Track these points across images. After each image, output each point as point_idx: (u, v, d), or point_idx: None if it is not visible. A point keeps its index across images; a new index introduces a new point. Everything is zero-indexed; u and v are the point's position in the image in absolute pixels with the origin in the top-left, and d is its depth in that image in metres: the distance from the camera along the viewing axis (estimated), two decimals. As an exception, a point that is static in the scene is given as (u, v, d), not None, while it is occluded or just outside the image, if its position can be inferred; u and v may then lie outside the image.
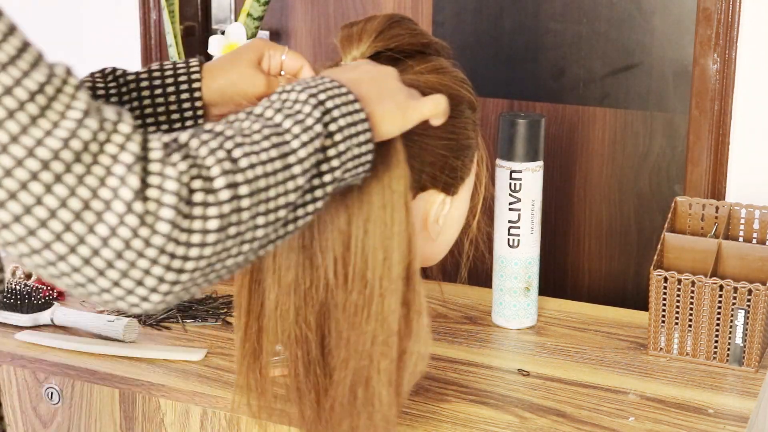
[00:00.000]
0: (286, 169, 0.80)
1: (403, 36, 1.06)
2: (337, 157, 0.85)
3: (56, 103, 0.69)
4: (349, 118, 0.87)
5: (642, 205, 1.93)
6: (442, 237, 1.12)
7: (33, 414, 1.37)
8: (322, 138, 0.84)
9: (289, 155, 0.80)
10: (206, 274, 0.74)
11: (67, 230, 0.68)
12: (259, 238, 0.78)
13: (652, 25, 1.86)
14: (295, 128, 0.82)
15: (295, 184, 0.80)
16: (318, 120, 0.84)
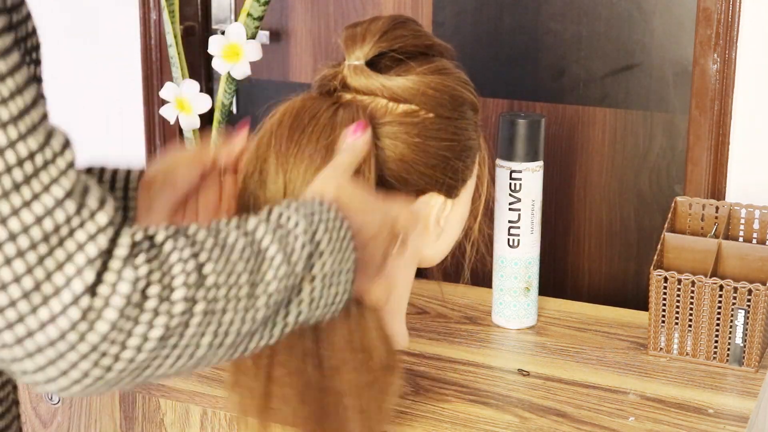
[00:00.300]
0: (250, 299, 0.78)
1: (407, 37, 1.06)
2: (310, 299, 0.84)
3: (43, 175, 0.68)
4: (337, 266, 0.86)
5: (642, 205, 1.93)
6: (443, 238, 1.12)
7: (33, 414, 1.37)
8: (302, 276, 0.83)
9: (259, 285, 0.79)
10: (134, 377, 0.73)
11: (11, 306, 0.67)
12: (197, 356, 0.77)
13: (652, 25, 1.86)
14: (278, 258, 0.80)
15: (254, 315, 0.79)
16: (305, 262, 0.82)
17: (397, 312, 1.13)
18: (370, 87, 1.04)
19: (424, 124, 1.04)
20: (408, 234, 1.00)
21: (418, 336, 1.43)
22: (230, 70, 1.50)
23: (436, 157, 1.05)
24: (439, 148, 1.05)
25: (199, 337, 0.75)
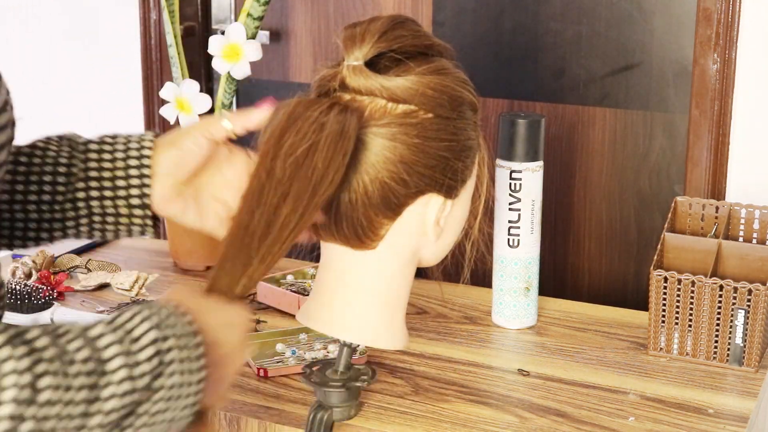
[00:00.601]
0: (84, 417, 0.76)
1: (406, 37, 1.06)
2: (147, 418, 0.81)
3: None
4: (186, 380, 0.83)
5: (642, 205, 1.93)
6: (443, 238, 1.12)
7: (33, 414, 1.37)
8: (142, 395, 0.80)
9: (95, 403, 0.76)
10: None
11: None
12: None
13: (652, 25, 1.86)
14: (119, 373, 0.78)
15: (100, 420, 0.77)
16: (149, 378, 0.80)
17: (396, 312, 1.13)
18: (369, 87, 1.03)
19: (423, 124, 1.04)
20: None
21: (418, 336, 1.43)
22: (230, 70, 1.51)
23: (436, 158, 1.05)
24: (438, 148, 1.05)
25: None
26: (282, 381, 1.28)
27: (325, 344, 1.37)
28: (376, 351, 1.35)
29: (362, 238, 1.07)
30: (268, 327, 1.45)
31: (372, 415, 1.20)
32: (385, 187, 1.04)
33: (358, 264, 1.09)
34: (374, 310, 1.11)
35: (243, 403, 1.23)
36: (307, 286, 1.55)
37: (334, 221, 1.06)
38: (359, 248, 1.08)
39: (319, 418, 1.16)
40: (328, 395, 1.16)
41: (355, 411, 1.19)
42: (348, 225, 1.06)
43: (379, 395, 1.25)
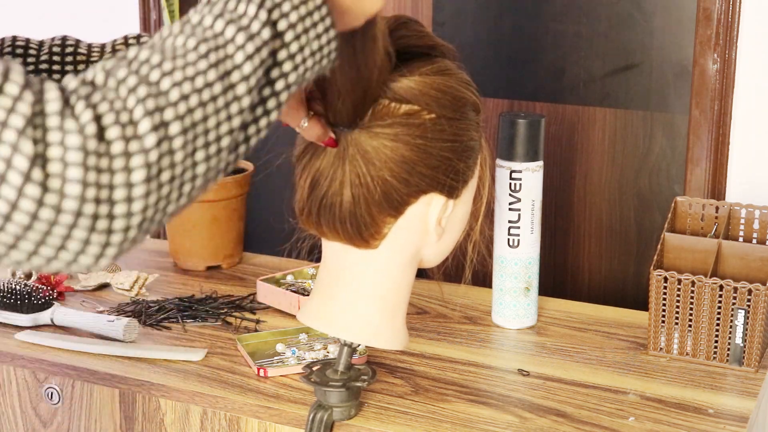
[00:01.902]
0: (228, 91, 0.70)
1: (409, 37, 1.06)
2: (290, 60, 0.76)
3: None
4: (303, 8, 0.77)
5: (642, 205, 1.93)
6: (445, 239, 1.12)
7: (33, 414, 1.37)
8: (271, 43, 0.74)
9: (232, 73, 0.71)
10: (143, 228, 0.66)
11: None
12: (202, 173, 0.70)
13: (652, 25, 1.86)
14: (239, 37, 0.72)
15: (239, 106, 0.71)
16: (265, 23, 0.74)
17: (397, 312, 1.13)
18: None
19: (426, 125, 1.04)
20: None
21: (418, 336, 1.43)
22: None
23: (438, 158, 1.05)
24: (441, 148, 1.05)
25: (191, 156, 0.68)
26: (282, 381, 1.28)
27: (325, 344, 1.37)
28: (376, 351, 1.35)
29: (365, 237, 1.07)
30: (268, 327, 1.45)
31: (372, 415, 1.21)
32: (388, 185, 1.04)
33: (359, 264, 1.10)
34: (375, 310, 1.11)
35: (243, 403, 1.23)
36: (307, 286, 1.55)
37: (337, 219, 1.06)
38: (362, 247, 1.08)
39: (319, 418, 1.16)
40: (328, 395, 1.16)
41: (355, 411, 1.19)
42: (351, 223, 1.06)
43: (379, 395, 1.25)
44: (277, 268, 1.64)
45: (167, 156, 0.66)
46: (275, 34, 0.75)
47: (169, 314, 1.48)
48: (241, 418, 1.24)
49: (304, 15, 0.77)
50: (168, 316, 1.48)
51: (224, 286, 1.60)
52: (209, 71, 0.70)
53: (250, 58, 0.72)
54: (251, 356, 1.33)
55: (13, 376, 1.37)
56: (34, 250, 0.63)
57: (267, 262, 1.70)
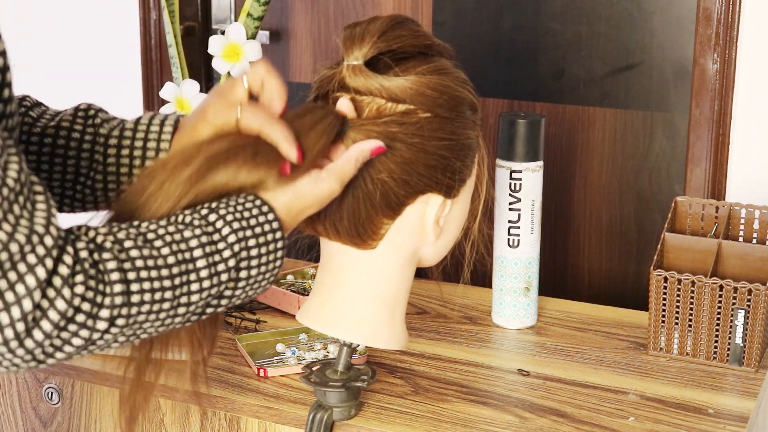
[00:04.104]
0: (171, 309, 0.88)
1: (406, 37, 1.06)
2: (229, 299, 0.93)
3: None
4: (264, 267, 0.94)
5: (642, 205, 1.93)
6: (443, 238, 1.12)
7: (33, 414, 1.37)
8: (226, 281, 0.91)
9: (182, 297, 0.88)
10: (60, 363, 0.87)
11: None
12: (149, 332, 0.89)
13: (652, 25, 1.86)
14: (203, 272, 0.89)
15: (172, 321, 0.89)
16: (229, 270, 0.91)
17: (396, 311, 1.13)
18: (369, 87, 1.04)
19: (422, 124, 1.04)
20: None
21: (418, 336, 1.43)
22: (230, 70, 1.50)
23: (435, 157, 1.05)
24: (438, 147, 1.05)
25: (114, 341, 0.86)
26: (282, 381, 1.28)
27: (325, 344, 1.37)
28: (376, 351, 1.35)
29: (363, 237, 1.07)
30: (268, 327, 1.45)
31: (372, 415, 1.21)
32: (385, 186, 1.04)
33: (358, 264, 1.10)
34: (374, 309, 1.11)
35: (243, 403, 1.23)
36: (307, 286, 1.55)
37: (336, 219, 1.06)
38: (360, 247, 1.08)
39: (319, 418, 1.16)
40: (328, 395, 1.16)
41: (355, 411, 1.19)
42: (349, 223, 1.06)
43: (379, 395, 1.25)
44: (277, 268, 1.64)
45: (101, 337, 0.84)
46: (234, 278, 0.92)
47: (169, 314, 1.48)
48: (241, 418, 1.24)
49: (264, 271, 0.95)
50: (168, 316, 1.48)
51: (224, 286, 1.60)
52: (167, 291, 0.87)
53: (203, 292, 0.90)
54: (251, 356, 1.33)
55: (13, 376, 1.37)
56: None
57: (267, 262, 1.70)
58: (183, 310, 0.89)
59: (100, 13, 2.24)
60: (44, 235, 0.79)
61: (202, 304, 0.91)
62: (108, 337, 0.84)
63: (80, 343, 0.82)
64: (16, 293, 0.77)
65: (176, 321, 0.90)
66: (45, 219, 0.80)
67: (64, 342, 0.81)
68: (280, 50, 2.20)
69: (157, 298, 0.86)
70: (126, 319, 0.84)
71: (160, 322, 0.88)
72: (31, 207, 0.79)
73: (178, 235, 0.89)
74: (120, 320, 0.83)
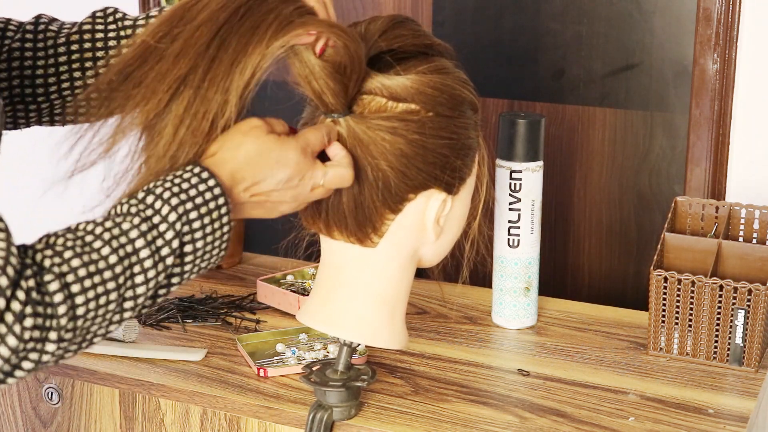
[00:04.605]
0: (118, 306, 0.88)
1: (407, 37, 1.06)
2: (180, 277, 0.92)
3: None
4: (210, 237, 0.92)
5: (642, 205, 1.93)
6: (443, 237, 1.12)
7: (33, 414, 1.37)
8: (172, 265, 0.90)
9: (128, 291, 0.87)
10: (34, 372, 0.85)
11: None
12: (99, 334, 0.89)
13: (652, 25, 1.86)
14: (147, 262, 0.88)
15: (121, 317, 0.89)
16: (173, 251, 0.89)
17: (396, 311, 1.13)
18: (370, 86, 1.04)
19: (422, 122, 1.04)
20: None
21: (418, 336, 1.43)
22: (230, 70, 1.50)
23: (435, 155, 1.06)
24: (438, 146, 1.05)
25: (66, 351, 0.86)
26: (282, 381, 1.28)
27: (325, 344, 1.37)
28: (376, 351, 1.35)
29: (365, 231, 1.07)
30: (268, 327, 1.45)
31: (372, 415, 1.21)
32: (387, 177, 1.04)
33: (359, 263, 1.10)
34: (374, 309, 1.11)
35: (243, 403, 1.23)
36: (307, 286, 1.55)
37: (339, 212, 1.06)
38: (362, 244, 1.08)
39: (319, 418, 1.16)
40: (328, 395, 1.17)
41: (355, 411, 1.19)
42: (352, 216, 1.06)
43: (379, 395, 1.25)
44: (277, 268, 1.64)
45: (52, 358, 0.85)
46: (179, 254, 0.90)
47: (169, 314, 1.48)
48: (241, 418, 1.24)
49: (211, 241, 0.92)
50: (168, 316, 1.48)
51: (224, 286, 1.60)
52: (112, 292, 0.86)
53: (149, 281, 0.89)
54: (251, 356, 1.33)
55: (13, 376, 1.37)
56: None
57: (267, 262, 1.70)
58: (130, 303, 0.88)
59: (100, 13, 2.24)
60: (0, 276, 0.79)
61: (150, 292, 0.90)
62: (59, 352, 0.84)
63: (30, 366, 0.83)
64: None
65: (126, 315, 0.89)
66: (3, 258, 0.79)
67: (14, 367, 0.82)
68: (280, 50, 2.20)
69: (102, 303, 0.85)
70: (73, 332, 0.84)
71: (108, 322, 0.88)
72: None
73: (117, 230, 0.87)
74: (68, 334, 0.84)
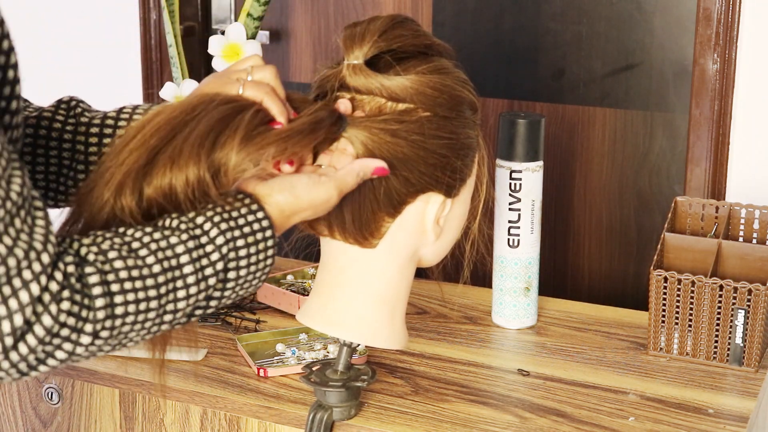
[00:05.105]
0: (157, 318, 0.87)
1: (406, 37, 1.06)
2: (219, 299, 0.92)
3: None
4: (253, 267, 0.93)
5: (642, 205, 1.93)
6: (443, 238, 1.12)
7: (33, 414, 1.37)
8: (213, 287, 0.90)
9: (168, 305, 0.87)
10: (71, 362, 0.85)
11: None
12: (135, 340, 0.88)
13: (652, 25, 1.86)
14: (190, 278, 0.88)
15: (159, 328, 0.89)
16: (217, 273, 0.90)
17: (396, 311, 1.13)
18: (369, 86, 1.04)
19: (422, 122, 1.04)
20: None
21: (418, 336, 1.43)
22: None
23: (435, 156, 1.06)
24: (438, 146, 1.05)
25: (99, 350, 0.85)
26: (282, 381, 1.28)
27: (325, 344, 1.37)
28: (376, 351, 1.35)
29: (365, 235, 1.07)
30: (268, 327, 1.45)
31: (372, 415, 1.21)
32: (387, 182, 1.04)
33: (359, 263, 1.10)
34: (374, 309, 1.11)
35: (243, 403, 1.23)
36: (307, 286, 1.55)
37: (339, 216, 1.06)
38: (362, 245, 1.08)
39: (319, 418, 1.16)
40: (328, 395, 1.16)
41: (355, 411, 1.19)
42: (352, 220, 1.06)
43: (379, 395, 1.25)
44: (277, 268, 1.64)
45: (85, 351, 0.84)
46: (222, 279, 0.90)
47: (169, 314, 1.48)
48: (241, 418, 1.24)
49: (253, 271, 0.93)
50: (168, 316, 1.47)
51: (224, 286, 1.60)
52: (152, 300, 0.86)
53: (189, 298, 0.89)
54: (251, 356, 1.33)
55: (13, 376, 1.37)
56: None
57: (267, 262, 1.70)
58: (169, 317, 0.88)
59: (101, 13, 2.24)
60: (42, 252, 0.79)
61: (189, 309, 0.90)
62: (93, 348, 0.84)
63: (64, 356, 0.82)
64: (8, 308, 0.77)
65: (162, 327, 0.89)
66: (43, 236, 0.79)
67: (48, 355, 0.81)
68: (280, 50, 2.20)
69: (142, 309, 0.85)
70: (110, 331, 0.84)
71: (146, 331, 0.87)
72: (32, 222, 0.79)
73: (164, 242, 0.87)
74: (104, 332, 0.83)
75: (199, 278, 0.88)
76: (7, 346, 0.78)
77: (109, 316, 0.83)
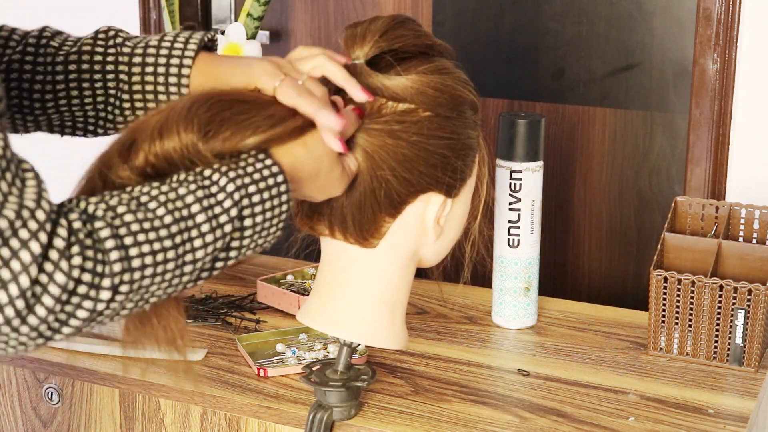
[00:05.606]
0: (176, 269, 0.86)
1: (407, 37, 1.06)
2: (238, 249, 0.91)
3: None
4: (269, 213, 0.92)
5: (642, 205, 1.93)
6: (443, 238, 1.12)
7: (33, 414, 1.37)
8: (230, 235, 0.90)
9: (186, 256, 0.87)
10: (67, 338, 0.84)
11: None
12: (157, 294, 0.87)
13: (652, 25, 1.86)
14: (204, 226, 0.87)
15: (180, 280, 0.88)
16: (231, 219, 0.89)
17: (396, 311, 1.13)
18: (370, 86, 1.04)
19: (423, 122, 1.04)
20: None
21: (418, 336, 1.43)
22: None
23: (436, 156, 1.06)
24: (438, 146, 1.05)
25: (123, 308, 0.85)
26: (282, 381, 1.28)
27: (325, 344, 1.37)
28: (376, 351, 1.35)
29: (365, 235, 1.07)
30: (268, 327, 1.45)
31: (372, 415, 1.21)
32: (389, 184, 1.04)
33: (359, 263, 1.10)
34: (374, 309, 1.11)
35: (243, 403, 1.23)
36: (307, 286, 1.55)
37: (340, 215, 1.06)
38: (362, 245, 1.08)
39: (319, 418, 1.16)
40: (328, 395, 1.17)
41: (355, 411, 1.19)
42: (353, 220, 1.06)
43: (379, 395, 1.25)
44: (277, 268, 1.64)
45: (106, 307, 0.82)
46: (238, 227, 0.90)
47: (169, 314, 1.48)
48: (241, 418, 1.24)
49: (269, 217, 0.92)
50: (168, 316, 1.47)
51: (224, 286, 1.60)
52: (169, 251, 0.86)
53: (207, 246, 0.88)
54: (251, 356, 1.33)
55: (13, 376, 1.37)
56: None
57: (267, 262, 1.70)
58: (189, 267, 0.87)
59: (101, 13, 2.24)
60: (35, 210, 0.77)
61: (209, 258, 0.89)
62: (114, 305, 0.82)
63: (85, 315, 0.81)
64: (11, 270, 0.75)
65: (185, 279, 0.88)
66: (36, 194, 0.78)
67: (69, 315, 0.80)
68: (280, 50, 2.20)
69: (159, 260, 0.84)
70: (130, 285, 0.82)
71: (167, 283, 0.86)
72: (21, 184, 0.78)
73: (173, 194, 0.87)
74: (124, 287, 0.82)
75: (214, 226, 0.88)
76: (20, 309, 0.76)
77: (126, 269, 0.82)
